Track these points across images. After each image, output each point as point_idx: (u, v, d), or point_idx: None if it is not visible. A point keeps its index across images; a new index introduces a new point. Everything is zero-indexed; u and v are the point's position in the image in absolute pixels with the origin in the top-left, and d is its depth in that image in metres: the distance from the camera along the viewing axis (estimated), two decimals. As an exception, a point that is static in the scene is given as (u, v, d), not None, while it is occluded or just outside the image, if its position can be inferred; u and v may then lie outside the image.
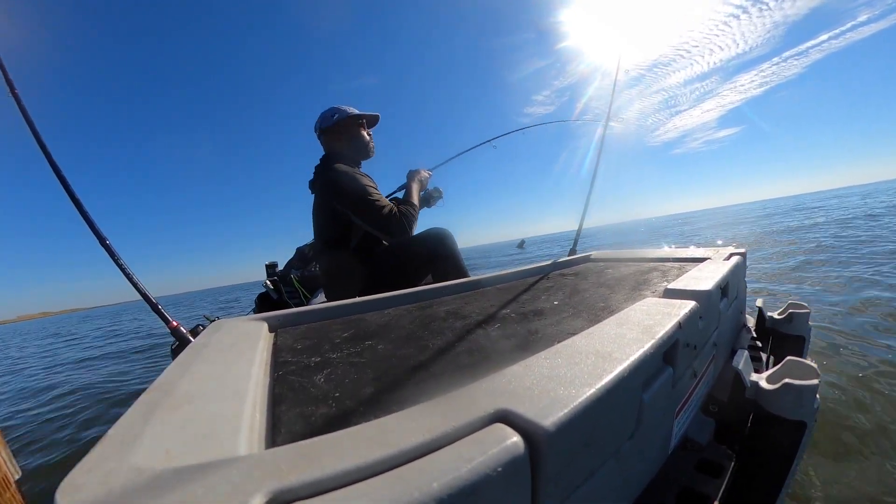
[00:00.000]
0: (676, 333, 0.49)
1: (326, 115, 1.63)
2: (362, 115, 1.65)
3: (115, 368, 4.52)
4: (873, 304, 2.70)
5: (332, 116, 1.61)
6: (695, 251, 1.27)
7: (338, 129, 1.62)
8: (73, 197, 1.24)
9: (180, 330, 1.18)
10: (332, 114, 1.62)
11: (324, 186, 1.55)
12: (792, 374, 0.62)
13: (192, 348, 0.54)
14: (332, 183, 1.51)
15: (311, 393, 0.44)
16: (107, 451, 0.27)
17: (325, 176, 1.55)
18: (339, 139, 1.63)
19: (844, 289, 3.20)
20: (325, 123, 1.63)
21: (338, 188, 1.49)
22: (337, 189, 1.50)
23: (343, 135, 1.63)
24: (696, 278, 0.76)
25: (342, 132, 1.63)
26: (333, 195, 1.50)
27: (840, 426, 1.39)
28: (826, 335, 2.18)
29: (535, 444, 0.28)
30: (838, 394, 1.60)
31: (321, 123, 1.65)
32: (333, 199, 1.50)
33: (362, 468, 0.24)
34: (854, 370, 1.76)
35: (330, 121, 1.61)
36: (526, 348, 0.55)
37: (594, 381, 0.34)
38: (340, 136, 1.63)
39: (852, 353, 1.95)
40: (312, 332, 0.71)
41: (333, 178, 1.51)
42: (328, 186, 1.52)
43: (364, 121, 1.67)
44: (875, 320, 2.38)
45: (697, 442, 0.62)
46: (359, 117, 1.64)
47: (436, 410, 0.30)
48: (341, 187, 1.49)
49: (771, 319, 1.16)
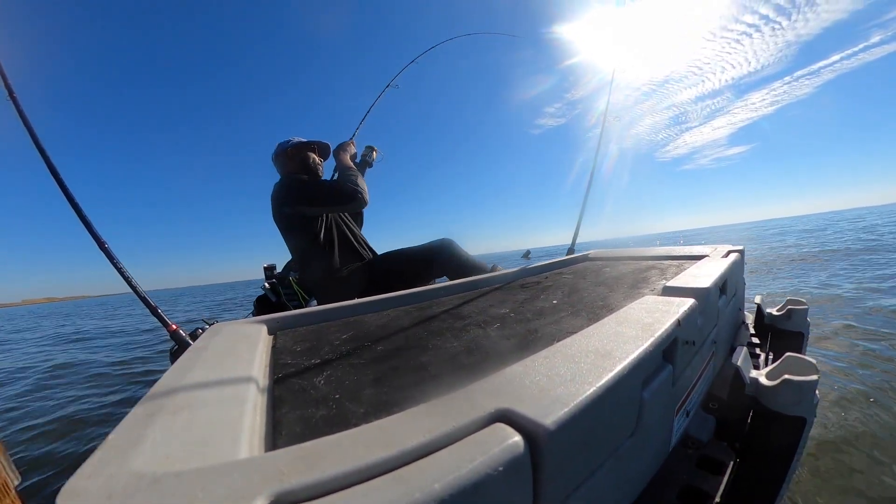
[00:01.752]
0: (675, 331, 0.49)
1: (282, 143, 1.82)
2: (312, 142, 1.84)
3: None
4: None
5: (287, 143, 1.80)
6: (693, 249, 1.28)
7: (290, 153, 1.79)
8: (72, 202, 1.23)
9: (179, 333, 1.17)
10: (286, 142, 1.82)
11: (274, 196, 1.68)
12: (791, 371, 0.62)
13: (191, 351, 0.53)
14: (278, 191, 1.66)
15: (311, 395, 0.44)
16: (107, 455, 0.27)
17: (274, 188, 1.70)
18: (292, 160, 1.79)
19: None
20: (278, 149, 1.81)
21: (284, 192, 1.64)
22: (283, 194, 1.63)
23: (293, 158, 1.79)
24: (695, 276, 0.76)
25: (294, 155, 1.79)
26: (282, 201, 1.63)
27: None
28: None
29: (536, 443, 0.28)
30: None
31: (276, 150, 1.82)
32: (284, 204, 1.62)
33: (363, 470, 0.24)
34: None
35: (284, 146, 1.80)
36: (525, 348, 0.55)
37: (594, 380, 0.34)
38: (293, 159, 1.79)
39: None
40: (312, 334, 0.71)
41: (278, 186, 1.68)
42: (276, 194, 1.66)
43: (314, 146, 1.84)
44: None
45: (698, 439, 0.62)
46: (308, 143, 1.82)
47: (436, 411, 0.30)
48: (287, 190, 1.64)
49: (769, 316, 1.16)
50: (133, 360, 4.25)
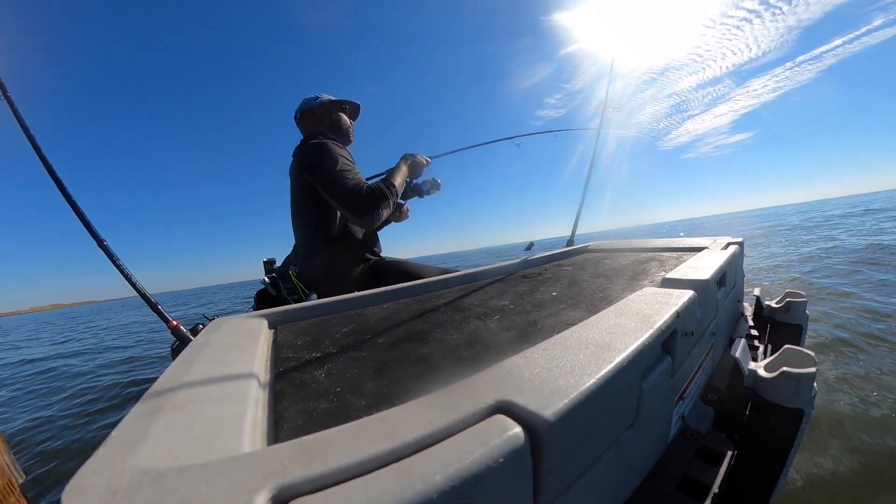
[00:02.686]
0: (675, 322, 0.49)
1: (308, 99, 1.62)
2: (344, 101, 1.65)
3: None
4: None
5: (315, 99, 1.61)
6: (692, 241, 1.28)
7: (319, 112, 1.60)
8: (69, 200, 1.23)
9: (180, 329, 1.18)
10: (314, 98, 1.62)
11: (299, 156, 1.48)
12: (789, 363, 0.62)
13: (192, 347, 0.54)
14: (305, 152, 1.45)
15: (312, 388, 0.44)
16: (111, 452, 0.27)
17: (304, 146, 1.49)
18: (321, 122, 1.60)
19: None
20: (306, 105, 1.61)
21: (309, 157, 1.42)
22: (308, 158, 1.42)
23: (324, 118, 1.61)
24: (694, 268, 0.76)
25: (323, 115, 1.61)
26: (306, 166, 1.42)
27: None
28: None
29: (536, 434, 0.28)
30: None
31: (303, 105, 1.62)
32: (305, 170, 1.42)
33: (365, 462, 0.24)
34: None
35: (312, 102, 1.60)
36: (525, 339, 0.55)
37: (594, 372, 0.34)
38: (322, 118, 1.60)
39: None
40: (312, 328, 0.71)
41: (309, 147, 1.45)
42: (303, 155, 1.45)
43: (346, 107, 1.66)
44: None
45: (697, 430, 0.62)
46: (341, 102, 1.64)
47: (437, 403, 0.30)
48: (313, 156, 1.41)
49: (768, 308, 1.16)
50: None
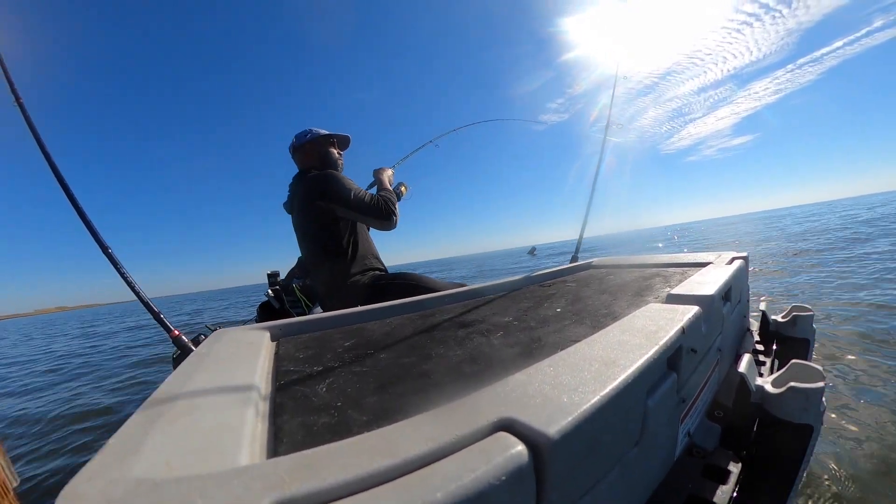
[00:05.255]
0: (680, 339, 0.48)
1: (300, 135, 1.79)
2: (333, 135, 1.81)
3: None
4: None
5: (305, 136, 1.78)
6: (697, 256, 1.27)
7: (310, 148, 1.77)
8: (77, 208, 1.25)
9: (182, 339, 1.17)
10: (305, 133, 1.79)
11: (309, 186, 1.63)
12: (797, 378, 0.61)
13: (193, 357, 0.53)
14: (318, 181, 1.61)
15: (313, 402, 0.44)
16: (107, 460, 0.27)
17: (310, 176, 1.65)
18: (311, 156, 1.77)
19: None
20: (298, 142, 1.78)
21: (324, 185, 1.59)
22: (323, 186, 1.59)
23: (314, 152, 1.77)
24: (699, 283, 0.75)
25: (314, 150, 1.77)
26: (320, 193, 1.59)
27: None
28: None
29: (540, 452, 0.27)
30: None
31: (295, 142, 1.79)
32: (320, 197, 1.58)
33: (365, 478, 0.23)
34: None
35: (303, 139, 1.77)
36: (529, 356, 0.54)
37: (598, 389, 0.34)
38: (312, 153, 1.77)
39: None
40: (314, 342, 0.71)
41: (318, 177, 1.62)
42: (314, 184, 1.61)
43: (335, 140, 1.82)
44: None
45: (703, 448, 0.61)
46: (329, 136, 1.80)
47: (439, 419, 0.30)
48: (328, 183, 1.59)
49: (775, 323, 1.15)
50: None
